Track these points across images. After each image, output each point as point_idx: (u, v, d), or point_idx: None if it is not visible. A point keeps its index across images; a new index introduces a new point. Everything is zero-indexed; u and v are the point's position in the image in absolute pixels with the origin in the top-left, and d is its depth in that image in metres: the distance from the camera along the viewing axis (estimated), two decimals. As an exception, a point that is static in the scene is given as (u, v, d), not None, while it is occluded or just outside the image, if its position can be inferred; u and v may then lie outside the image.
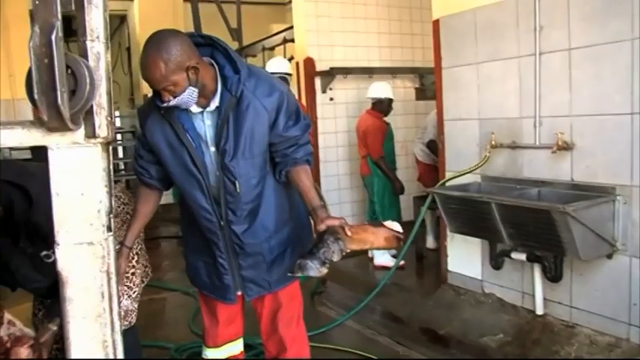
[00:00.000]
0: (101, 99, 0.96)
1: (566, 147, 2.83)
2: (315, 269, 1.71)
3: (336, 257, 1.74)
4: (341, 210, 5.37)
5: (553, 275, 2.93)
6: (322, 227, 1.80)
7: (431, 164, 4.88)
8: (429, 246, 4.84)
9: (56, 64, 0.86)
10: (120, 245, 2.03)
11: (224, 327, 2.19)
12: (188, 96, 1.75)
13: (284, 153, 1.95)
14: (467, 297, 3.53)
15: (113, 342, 1.01)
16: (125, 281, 2.27)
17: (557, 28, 2.85)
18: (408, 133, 5.76)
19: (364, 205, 5.30)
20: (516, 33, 3.06)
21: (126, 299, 2.29)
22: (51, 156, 0.96)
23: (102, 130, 0.96)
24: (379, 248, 3.25)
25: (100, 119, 0.96)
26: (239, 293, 2.09)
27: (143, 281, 2.40)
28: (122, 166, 8.59)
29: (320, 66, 5.38)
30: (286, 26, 6.17)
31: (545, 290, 3.04)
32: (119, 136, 8.64)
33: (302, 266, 1.71)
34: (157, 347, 3.35)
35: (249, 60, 6.37)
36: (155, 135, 1.92)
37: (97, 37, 0.95)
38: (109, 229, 1.01)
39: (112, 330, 1.01)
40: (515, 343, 3.00)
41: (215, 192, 1.93)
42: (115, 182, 1.38)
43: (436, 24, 3.64)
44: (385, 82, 4.88)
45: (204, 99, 1.83)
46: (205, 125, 1.88)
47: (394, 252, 4.47)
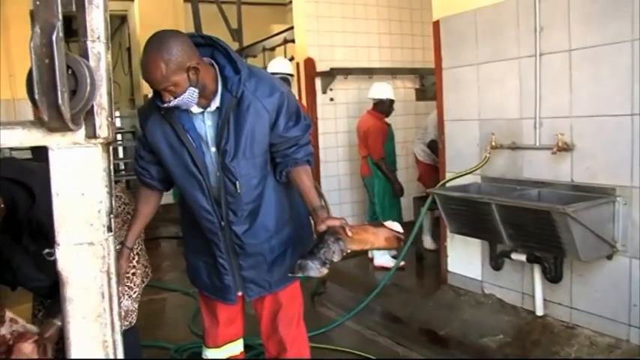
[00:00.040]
0: (102, 99, 0.96)
1: (566, 148, 2.83)
2: (315, 269, 1.71)
3: (337, 257, 1.74)
4: (341, 210, 5.37)
5: (553, 276, 2.93)
6: (323, 227, 1.80)
7: (431, 164, 4.88)
8: (427, 246, 4.83)
9: (57, 65, 0.86)
10: (121, 246, 2.03)
11: (224, 327, 2.19)
12: (189, 96, 1.75)
13: (284, 153, 1.95)
14: (467, 298, 3.53)
15: (113, 342, 1.01)
16: (126, 281, 2.27)
17: (557, 29, 2.85)
18: (408, 134, 5.76)
19: (364, 206, 5.29)
20: (516, 34, 3.06)
21: (126, 299, 2.29)
22: (51, 156, 0.96)
23: (102, 131, 0.96)
24: (380, 248, 3.25)
25: (101, 119, 0.96)
26: (239, 294, 2.09)
27: (143, 281, 2.40)
28: (122, 167, 8.60)
29: (320, 66, 5.38)
30: (287, 27, 6.17)
31: (545, 291, 3.04)
32: (119, 137, 8.64)
33: (302, 266, 1.72)
34: (157, 347, 3.35)
35: (249, 60, 6.37)
36: (156, 135, 1.92)
37: (98, 38, 0.95)
38: (110, 230, 1.01)
39: (112, 330, 1.01)
40: (515, 344, 3.00)
41: (216, 192, 1.93)
42: (115, 182, 1.38)
43: (436, 25, 3.64)
44: (387, 83, 4.88)
45: (204, 99, 1.83)
46: (206, 126, 1.88)
47: (394, 253, 4.47)
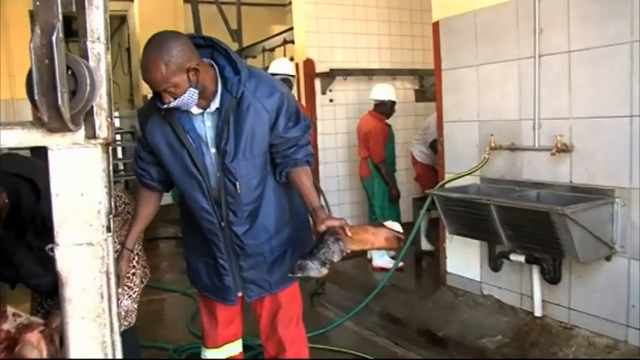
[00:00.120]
0: (101, 100, 0.96)
1: (565, 149, 2.83)
2: (315, 270, 1.71)
3: (337, 258, 1.74)
4: (340, 211, 5.37)
5: (552, 277, 2.93)
6: (322, 228, 1.80)
7: (429, 165, 4.87)
8: (423, 248, 4.75)
9: (57, 65, 0.86)
10: (121, 247, 2.03)
11: (223, 328, 2.19)
12: (188, 97, 1.75)
13: (284, 154, 1.95)
14: (465, 298, 3.53)
15: (112, 342, 1.01)
16: (126, 281, 2.27)
17: (556, 31, 2.85)
18: (408, 135, 5.75)
19: (364, 207, 5.29)
20: (516, 35, 3.07)
21: (126, 299, 2.29)
22: (51, 156, 0.96)
23: (102, 131, 0.96)
24: (380, 248, 3.26)
25: (100, 120, 0.96)
26: (239, 294, 2.09)
27: (142, 282, 2.40)
28: (121, 167, 8.59)
29: (320, 67, 5.38)
30: (286, 27, 6.17)
31: (543, 292, 3.04)
32: (118, 137, 8.64)
33: (302, 267, 1.72)
34: (156, 348, 3.34)
35: (248, 61, 6.37)
36: (155, 136, 1.92)
37: (98, 38, 0.95)
38: (109, 230, 1.01)
39: (111, 330, 1.01)
40: (513, 345, 3.00)
41: (216, 193, 1.93)
42: (114, 183, 1.38)
43: (436, 26, 3.64)
44: (389, 84, 4.86)
45: (204, 100, 1.83)
46: (206, 126, 1.88)
47: (393, 253, 4.46)
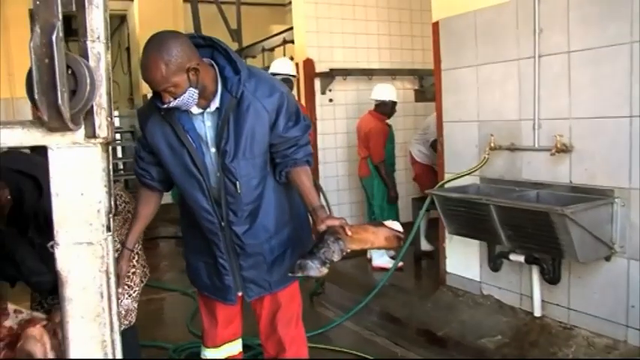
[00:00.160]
0: (101, 99, 0.96)
1: (565, 149, 2.83)
2: (315, 269, 1.71)
3: (337, 257, 1.74)
4: (340, 211, 5.36)
5: (551, 277, 2.93)
6: (322, 227, 1.81)
7: (428, 165, 4.87)
8: (422, 248, 4.74)
9: (57, 64, 0.86)
10: (121, 246, 2.03)
11: (223, 327, 2.19)
12: (188, 97, 1.75)
13: (284, 154, 1.95)
14: (465, 298, 3.54)
15: (112, 342, 1.01)
16: (126, 280, 2.27)
17: (556, 31, 2.85)
18: (408, 135, 5.74)
19: (363, 207, 5.29)
20: (516, 35, 3.07)
21: (126, 298, 2.29)
22: (51, 156, 0.96)
23: (102, 131, 0.96)
24: (380, 248, 3.25)
25: (100, 119, 0.96)
26: (239, 294, 2.09)
27: (142, 281, 2.41)
28: (121, 166, 8.59)
29: (319, 67, 5.38)
30: (286, 27, 6.17)
31: (543, 292, 3.04)
32: (118, 136, 8.64)
33: (302, 266, 1.72)
34: (156, 347, 3.34)
35: (248, 61, 6.37)
36: (155, 136, 1.92)
37: (98, 38, 0.94)
38: (109, 229, 1.01)
39: (111, 330, 1.01)
40: (513, 345, 3.00)
41: (216, 193, 1.93)
42: (114, 182, 1.38)
43: (436, 26, 3.64)
44: (390, 85, 4.86)
45: (204, 100, 1.83)
46: (206, 126, 1.88)
47: (392, 253, 4.47)
